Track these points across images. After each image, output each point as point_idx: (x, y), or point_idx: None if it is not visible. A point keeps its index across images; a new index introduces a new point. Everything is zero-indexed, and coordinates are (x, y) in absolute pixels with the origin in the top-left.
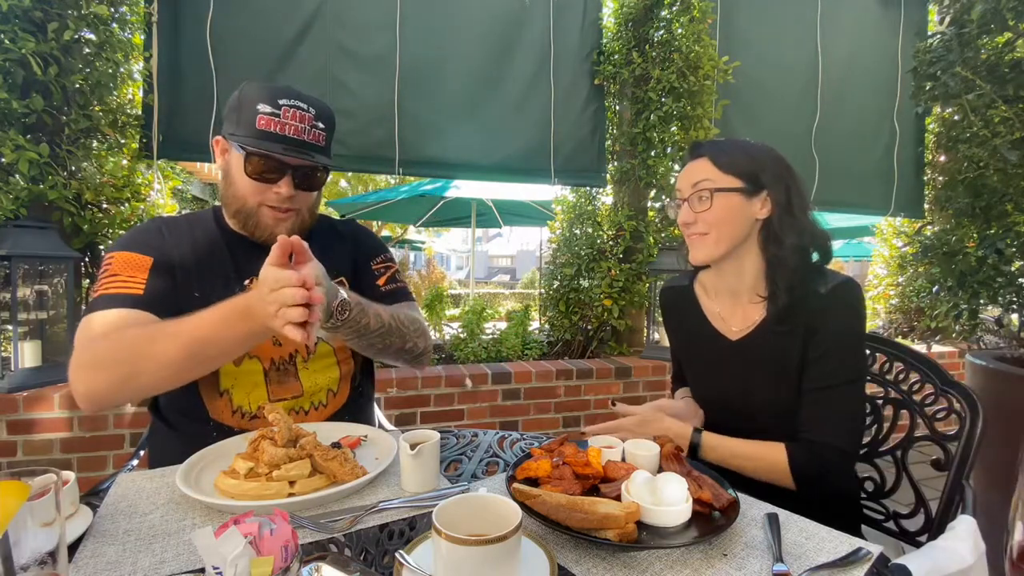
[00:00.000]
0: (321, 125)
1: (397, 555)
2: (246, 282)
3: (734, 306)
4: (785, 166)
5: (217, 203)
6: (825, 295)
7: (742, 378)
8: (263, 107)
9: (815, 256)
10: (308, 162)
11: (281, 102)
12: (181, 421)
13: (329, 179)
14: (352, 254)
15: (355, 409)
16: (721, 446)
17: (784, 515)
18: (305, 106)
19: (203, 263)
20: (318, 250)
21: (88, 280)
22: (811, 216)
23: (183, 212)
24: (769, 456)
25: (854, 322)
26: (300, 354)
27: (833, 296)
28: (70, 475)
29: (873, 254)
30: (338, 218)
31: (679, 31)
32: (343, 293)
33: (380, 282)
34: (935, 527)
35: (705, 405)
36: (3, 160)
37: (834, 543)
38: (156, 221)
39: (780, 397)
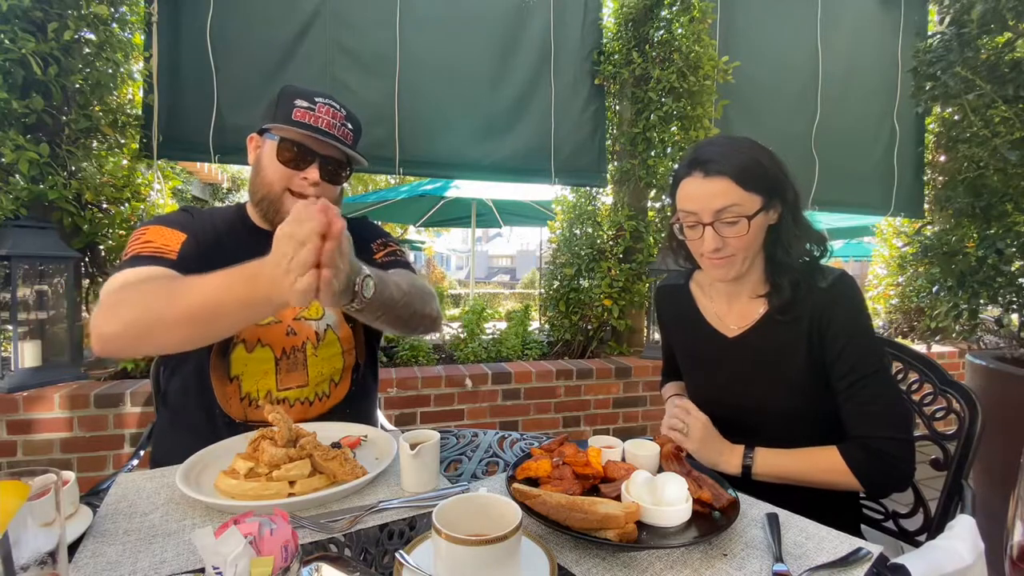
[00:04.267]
0: (350, 126)
1: (397, 555)
2: None
3: (731, 304)
4: (784, 166)
5: (242, 200)
6: (826, 289)
7: (739, 377)
8: (300, 102)
9: (816, 252)
10: (336, 153)
11: (317, 99)
12: (188, 411)
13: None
14: (359, 246)
15: (357, 403)
16: (776, 463)
17: (784, 515)
18: (338, 106)
19: (225, 254)
20: None
21: (88, 280)
22: (801, 209)
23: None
24: (825, 464)
25: (863, 312)
26: (311, 341)
27: (835, 290)
28: (70, 475)
29: (873, 254)
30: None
31: (679, 31)
32: (365, 268)
33: (377, 256)
34: (934, 526)
35: (700, 406)
36: (3, 160)
37: (834, 543)
38: (185, 210)
39: (777, 396)
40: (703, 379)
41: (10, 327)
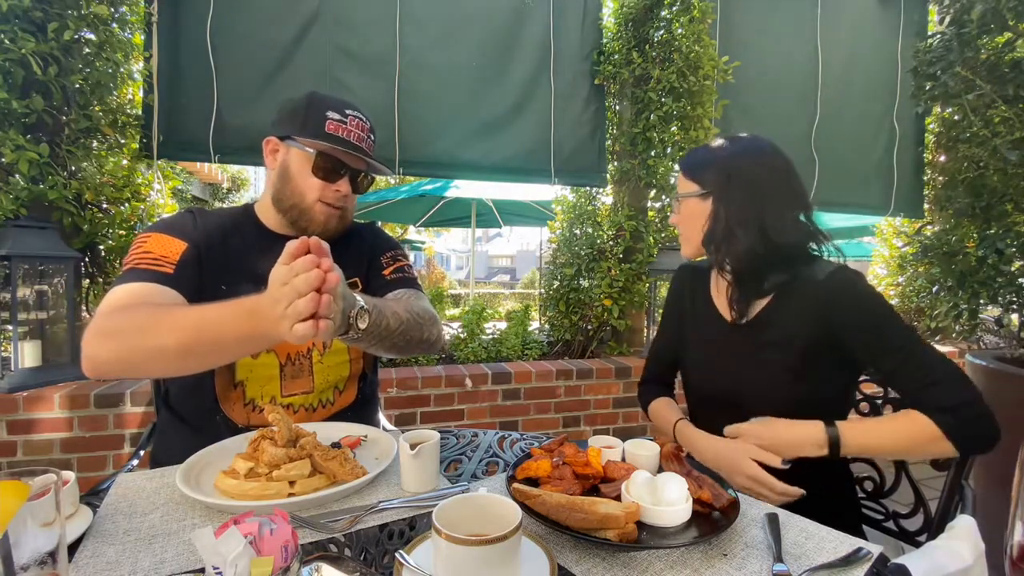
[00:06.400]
0: (373, 137)
1: (397, 555)
2: None
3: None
4: (738, 162)
5: (243, 199)
6: (823, 282)
7: (735, 364)
8: (332, 114)
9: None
10: (363, 165)
11: (347, 111)
12: (190, 412)
13: None
14: (368, 255)
15: (360, 409)
16: (864, 430)
17: (784, 515)
18: (364, 118)
19: (233, 259)
20: (338, 250)
21: (88, 280)
22: (766, 209)
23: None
24: (916, 432)
25: (872, 297)
26: (316, 348)
27: (833, 282)
28: (70, 475)
29: (873, 254)
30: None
31: (679, 31)
32: (360, 300)
33: (385, 272)
34: (935, 527)
35: (696, 397)
36: (3, 160)
37: (834, 543)
38: (189, 211)
39: (774, 393)
40: (700, 366)
41: (10, 327)
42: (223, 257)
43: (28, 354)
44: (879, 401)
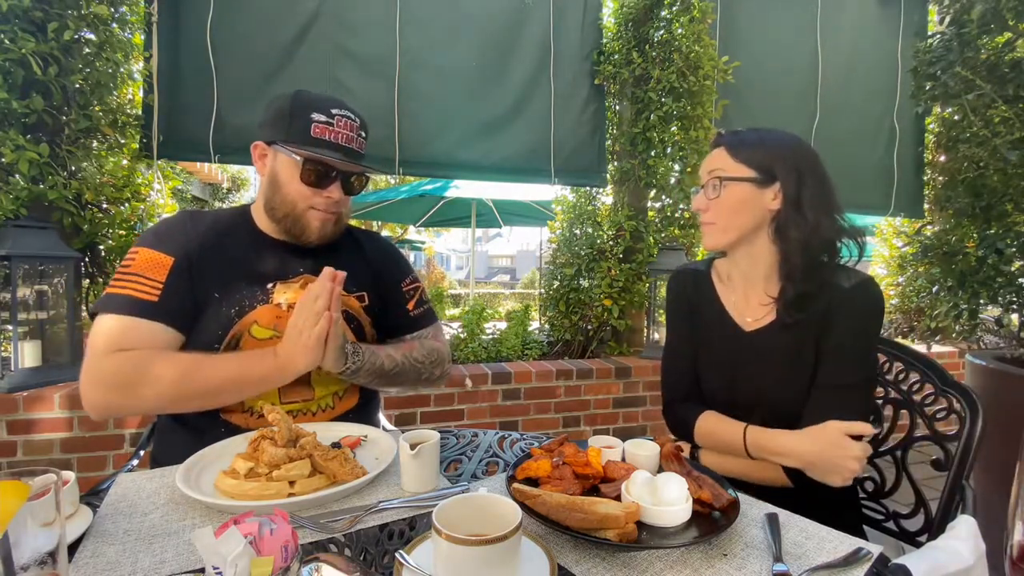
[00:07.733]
0: (363, 134)
1: (397, 555)
2: (269, 286)
3: (748, 297)
4: (805, 159)
5: (243, 200)
6: (848, 290)
7: (753, 373)
8: (317, 116)
9: (848, 252)
10: (357, 169)
11: (334, 111)
12: (191, 416)
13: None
14: (376, 270)
15: (361, 411)
16: (722, 465)
17: (784, 515)
18: (353, 115)
19: (226, 263)
20: (342, 260)
21: (88, 280)
22: (829, 213)
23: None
24: (768, 469)
25: (872, 322)
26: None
27: (854, 293)
28: (70, 475)
29: (873, 254)
30: (356, 226)
31: (679, 31)
32: (349, 339)
33: (410, 306)
34: (935, 527)
35: (711, 401)
36: (3, 160)
37: (834, 543)
38: (184, 215)
39: (789, 397)
40: (714, 372)
41: (10, 327)
42: (216, 262)
43: (28, 354)
44: (880, 401)
